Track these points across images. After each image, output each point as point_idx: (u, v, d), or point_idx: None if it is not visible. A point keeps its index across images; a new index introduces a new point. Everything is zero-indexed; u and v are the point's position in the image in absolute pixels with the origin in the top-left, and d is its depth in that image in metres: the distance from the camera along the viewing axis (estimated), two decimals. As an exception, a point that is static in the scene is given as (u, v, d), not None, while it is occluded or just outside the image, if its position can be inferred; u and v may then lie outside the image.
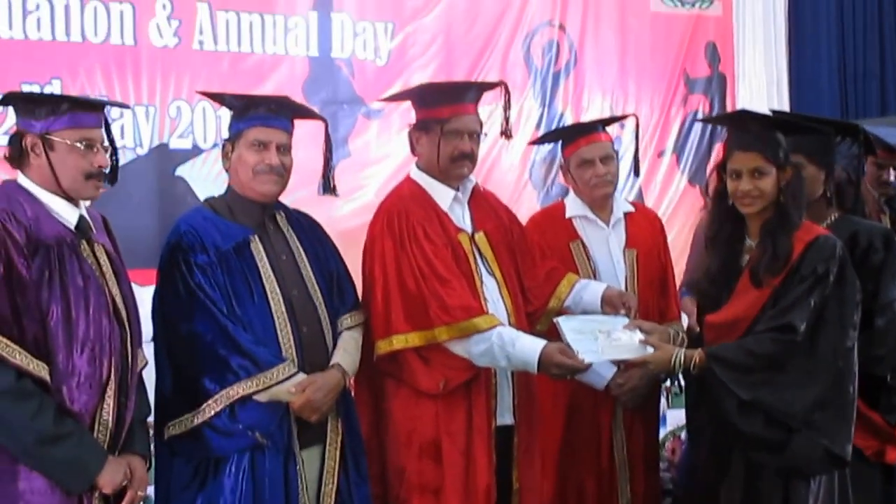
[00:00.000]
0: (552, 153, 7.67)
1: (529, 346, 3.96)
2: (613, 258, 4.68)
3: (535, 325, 4.34)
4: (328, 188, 4.12)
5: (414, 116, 4.28)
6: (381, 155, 7.03)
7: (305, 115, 4.17)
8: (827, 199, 4.18)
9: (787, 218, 3.82)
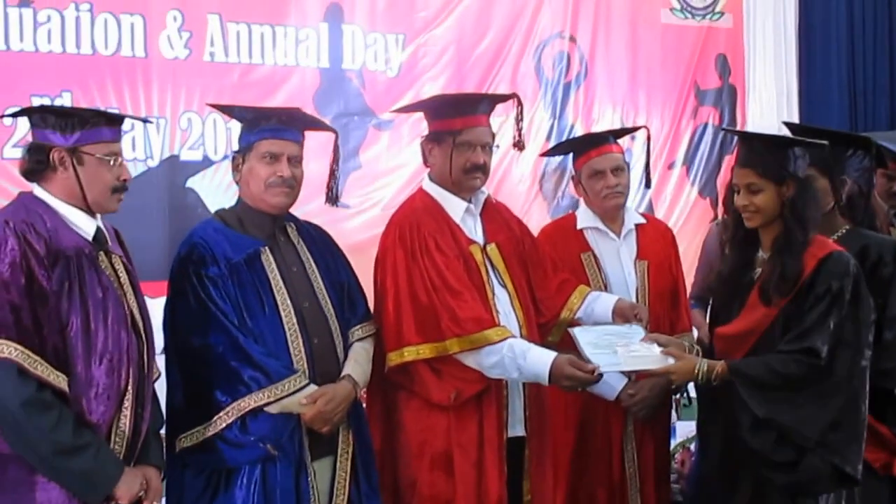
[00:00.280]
0: (562, 164, 7.67)
1: (540, 357, 3.95)
2: (625, 270, 4.68)
3: (546, 336, 4.34)
4: (331, 199, 4.12)
5: (426, 128, 4.28)
6: (391, 166, 7.03)
7: (316, 126, 4.18)
8: (838, 211, 4.17)
9: (790, 236, 3.81)
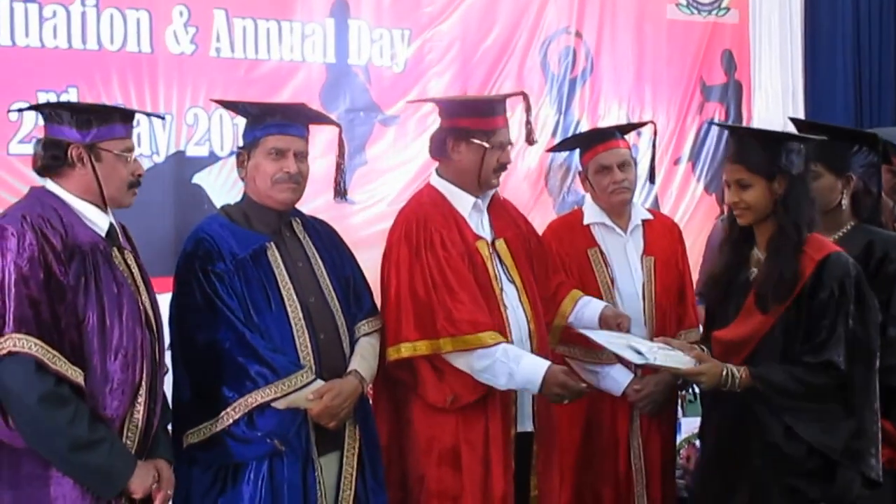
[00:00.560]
0: (568, 160, 7.65)
1: (534, 364, 3.98)
2: (631, 265, 4.69)
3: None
4: (340, 192, 4.13)
5: (432, 123, 4.28)
6: (397, 162, 7.00)
7: (320, 120, 4.19)
8: (843, 207, 4.17)
9: (784, 233, 3.78)
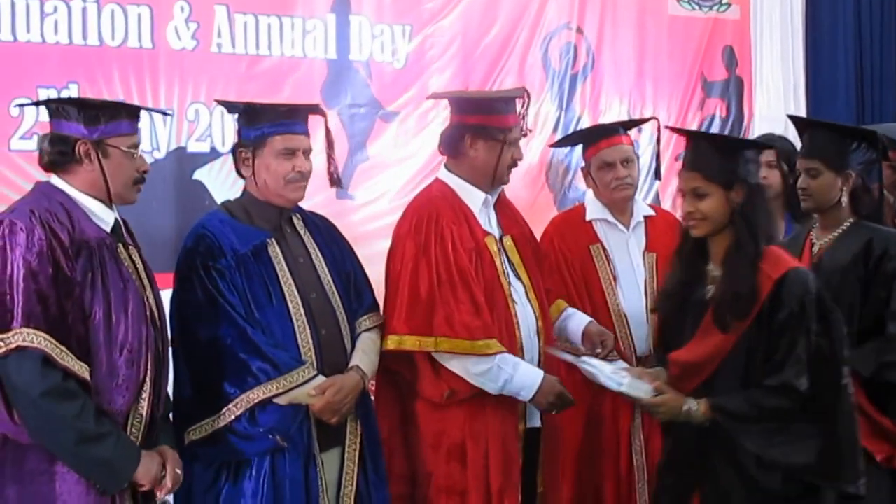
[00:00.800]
0: (569, 156, 7.64)
1: (531, 372, 4.04)
2: (633, 262, 4.69)
3: None
4: (335, 181, 4.14)
5: (433, 118, 4.28)
6: (398, 158, 6.99)
7: (314, 111, 4.15)
8: (843, 205, 4.15)
9: (741, 245, 3.61)
